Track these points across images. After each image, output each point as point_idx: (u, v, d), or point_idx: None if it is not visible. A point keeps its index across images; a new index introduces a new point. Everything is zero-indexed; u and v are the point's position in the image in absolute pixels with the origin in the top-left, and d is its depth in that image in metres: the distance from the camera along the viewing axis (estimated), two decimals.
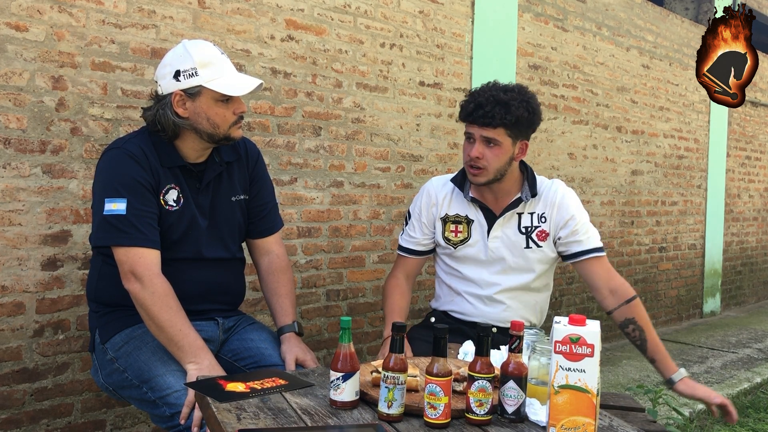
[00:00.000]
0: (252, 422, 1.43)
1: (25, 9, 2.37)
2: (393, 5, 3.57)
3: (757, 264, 7.46)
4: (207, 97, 1.92)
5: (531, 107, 2.16)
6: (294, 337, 2.09)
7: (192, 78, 1.90)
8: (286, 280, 2.20)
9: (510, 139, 2.15)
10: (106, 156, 1.96)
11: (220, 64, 1.94)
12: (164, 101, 1.93)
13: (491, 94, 2.14)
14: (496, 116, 2.10)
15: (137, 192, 1.89)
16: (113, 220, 1.86)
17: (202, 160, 2.04)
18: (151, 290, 1.84)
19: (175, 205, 1.97)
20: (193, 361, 1.83)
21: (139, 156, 1.92)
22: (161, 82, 1.95)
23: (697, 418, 3.62)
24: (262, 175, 2.22)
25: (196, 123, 1.94)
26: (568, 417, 1.36)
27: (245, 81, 1.97)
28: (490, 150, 2.14)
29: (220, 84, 1.91)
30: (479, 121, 2.13)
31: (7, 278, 2.37)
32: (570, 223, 2.23)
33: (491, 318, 2.25)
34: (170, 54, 1.97)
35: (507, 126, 2.12)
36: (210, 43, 1.99)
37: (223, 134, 1.97)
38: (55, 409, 2.50)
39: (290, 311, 2.15)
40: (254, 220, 2.19)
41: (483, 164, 2.15)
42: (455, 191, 2.32)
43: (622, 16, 5.25)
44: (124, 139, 2.00)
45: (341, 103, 3.37)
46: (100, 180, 1.94)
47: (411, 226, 2.39)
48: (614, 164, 5.22)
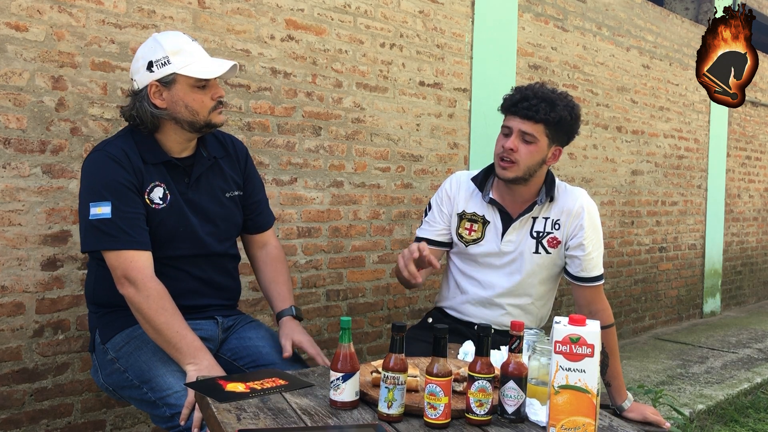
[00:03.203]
0: (252, 422, 1.43)
1: (25, 9, 2.37)
2: (393, 5, 3.57)
3: (757, 264, 7.45)
4: (182, 84, 1.91)
5: (575, 113, 2.15)
6: (292, 321, 2.10)
7: (165, 66, 1.90)
8: (283, 269, 2.22)
9: (547, 140, 2.13)
10: (88, 160, 1.96)
11: (191, 49, 1.94)
12: (140, 94, 1.93)
13: (539, 89, 2.13)
14: (540, 111, 2.08)
15: (121, 194, 1.88)
16: (99, 224, 1.85)
17: (188, 154, 2.03)
18: (145, 294, 1.84)
19: (161, 203, 1.96)
20: (192, 362, 1.83)
21: (120, 157, 1.91)
22: (135, 77, 1.95)
23: (697, 418, 3.62)
24: (253, 171, 2.23)
25: (174, 112, 1.93)
26: (568, 417, 1.36)
27: (219, 63, 1.96)
28: (525, 146, 2.12)
29: (193, 69, 1.91)
30: (522, 113, 2.10)
31: (7, 278, 2.37)
32: (579, 234, 2.19)
33: (489, 321, 2.25)
34: (141, 48, 1.97)
35: (548, 124, 2.10)
36: (179, 32, 2.00)
37: (203, 120, 1.95)
38: (55, 409, 2.50)
39: (288, 297, 2.17)
40: (251, 216, 2.21)
41: (515, 158, 2.12)
42: (475, 191, 2.30)
43: (622, 16, 5.25)
44: (105, 142, 1.99)
45: (341, 103, 3.37)
46: (84, 184, 1.93)
47: (432, 215, 2.35)
48: (614, 164, 5.22)
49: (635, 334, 5.56)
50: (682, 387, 4.05)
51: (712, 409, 3.75)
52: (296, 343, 2.02)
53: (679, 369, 4.48)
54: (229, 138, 2.19)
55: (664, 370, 4.46)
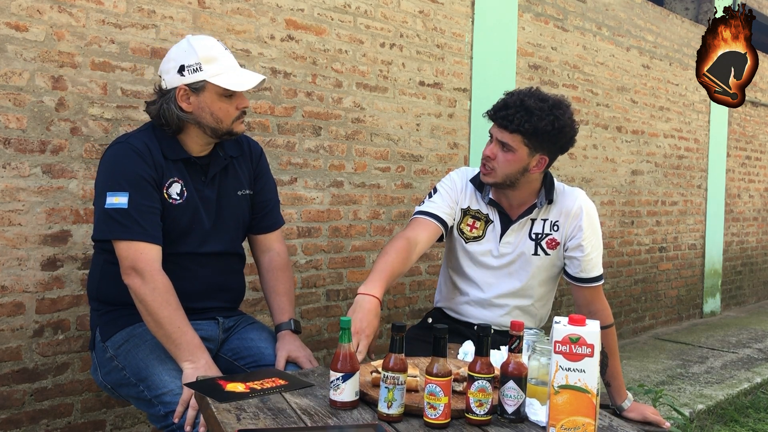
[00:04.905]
0: (252, 422, 1.43)
1: (25, 9, 2.37)
2: (393, 5, 3.57)
3: (757, 264, 7.45)
4: (211, 92, 1.94)
5: (558, 123, 2.04)
6: (289, 335, 2.08)
7: (196, 73, 1.92)
8: (285, 278, 2.20)
9: (527, 149, 2.07)
10: (110, 151, 1.97)
11: (223, 59, 1.96)
12: (168, 95, 1.95)
13: (521, 98, 2.05)
14: (514, 121, 2.02)
15: (140, 186, 1.90)
16: (115, 213, 1.87)
17: (205, 153, 2.06)
18: (152, 286, 1.85)
19: (178, 198, 1.98)
20: (190, 359, 1.83)
21: (143, 151, 1.93)
22: (165, 76, 1.97)
23: (697, 418, 3.62)
24: (266, 171, 2.24)
25: (199, 117, 1.96)
26: (568, 417, 1.36)
27: (248, 76, 1.99)
28: (503, 154, 2.08)
29: (224, 79, 1.93)
30: (498, 122, 2.08)
31: (7, 278, 2.37)
32: (578, 235, 2.18)
33: (489, 322, 2.24)
34: (174, 49, 1.98)
35: (524, 134, 2.04)
36: (214, 39, 2.01)
37: (226, 129, 1.99)
38: (55, 409, 2.50)
39: (287, 309, 2.15)
40: (257, 216, 2.21)
41: (493, 165, 2.11)
42: (475, 191, 2.28)
43: (622, 16, 5.25)
44: (128, 135, 2.02)
45: (341, 103, 3.37)
46: (103, 174, 1.95)
47: (439, 196, 2.25)
48: (614, 164, 5.22)
49: (635, 334, 5.56)
50: (682, 387, 4.05)
51: (712, 409, 3.75)
52: (292, 359, 2.01)
53: (679, 369, 4.48)
54: (245, 138, 2.20)
55: (664, 370, 4.46)
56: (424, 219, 2.20)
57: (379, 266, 1.98)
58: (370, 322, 1.83)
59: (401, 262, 2.03)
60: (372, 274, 1.96)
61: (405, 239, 2.10)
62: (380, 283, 1.92)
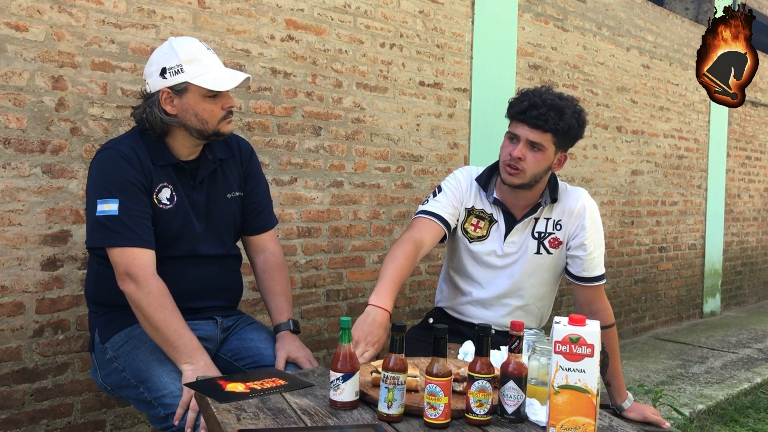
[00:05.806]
0: (252, 422, 1.43)
1: (25, 9, 2.37)
2: (393, 5, 3.57)
3: (757, 264, 7.45)
4: (194, 93, 1.92)
5: (581, 119, 2.13)
6: (288, 336, 2.08)
7: (178, 75, 1.91)
8: (281, 278, 2.19)
9: (554, 147, 2.11)
10: (98, 157, 1.96)
11: (205, 59, 1.94)
12: (152, 99, 1.94)
13: (547, 97, 2.07)
14: (549, 120, 2.04)
15: (129, 192, 1.89)
16: (106, 221, 1.86)
17: (194, 157, 2.04)
18: (146, 290, 1.84)
19: (168, 204, 1.98)
20: (189, 361, 1.83)
21: (131, 156, 1.92)
22: (148, 80, 1.96)
23: (697, 418, 3.62)
24: (257, 172, 2.22)
25: (184, 119, 1.94)
26: (568, 417, 1.36)
27: (231, 75, 1.97)
28: (533, 153, 2.09)
29: (206, 80, 1.92)
30: (531, 122, 2.06)
31: (7, 278, 2.37)
32: (580, 234, 2.19)
33: (490, 322, 2.24)
34: (156, 52, 1.97)
35: (556, 133, 2.08)
36: (196, 39, 2.00)
37: (212, 129, 1.97)
38: (55, 409, 2.50)
39: (286, 309, 2.14)
40: (249, 217, 2.19)
41: (523, 166, 2.09)
42: (480, 190, 2.27)
43: (622, 16, 5.25)
44: (115, 140, 2.00)
45: (341, 103, 3.37)
46: (92, 181, 1.94)
47: (443, 196, 2.24)
48: (614, 164, 5.22)
49: (635, 334, 5.56)
50: (682, 387, 4.05)
51: (712, 409, 3.75)
52: (292, 359, 2.01)
53: (679, 369, 4.48)
54: (235, 138, 2.19)
55: (664, 370, 4.46)
56: (428, 220, 2.20)
57: (389, 273, 2.00)
58: (380, 336, 1.90)
59: (410, 268, 2.07)
60: (383, 282, 1.98)
61: (413, 243, 2.11)
62: (391, 294, 1.97)
